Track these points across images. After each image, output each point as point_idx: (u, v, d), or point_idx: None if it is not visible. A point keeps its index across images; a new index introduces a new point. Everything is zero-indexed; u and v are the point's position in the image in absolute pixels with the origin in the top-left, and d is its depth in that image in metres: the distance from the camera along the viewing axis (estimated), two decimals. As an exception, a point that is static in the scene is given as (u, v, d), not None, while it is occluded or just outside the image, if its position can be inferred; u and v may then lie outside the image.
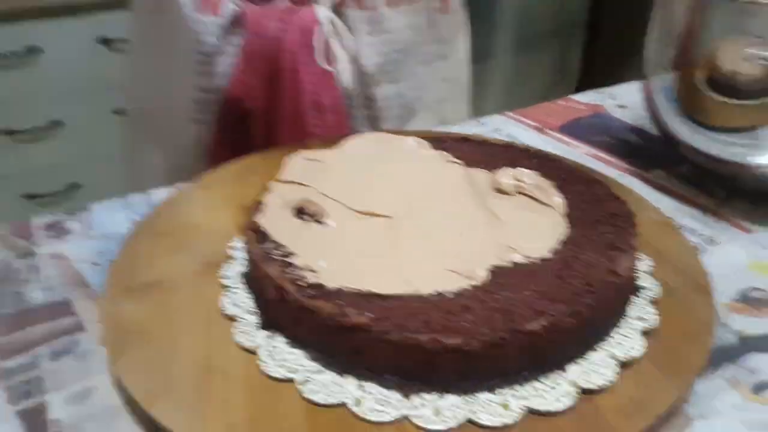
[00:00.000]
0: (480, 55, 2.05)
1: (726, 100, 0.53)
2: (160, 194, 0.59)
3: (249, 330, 0.40)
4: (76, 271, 0.49)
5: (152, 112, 0.73)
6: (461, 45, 0.80)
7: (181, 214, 0.52)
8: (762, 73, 0.51)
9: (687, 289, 0.45)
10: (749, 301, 0.48)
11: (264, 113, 0.68)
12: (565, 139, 0.73)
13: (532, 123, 0.76)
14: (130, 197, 0.59)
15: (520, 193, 0.48)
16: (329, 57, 0.65)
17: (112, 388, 0.39)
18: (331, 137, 0.66)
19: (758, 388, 0.41)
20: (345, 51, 0.65)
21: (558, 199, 0.47)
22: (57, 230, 0.54)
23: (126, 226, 0.53)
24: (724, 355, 0.43)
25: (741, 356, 0.43)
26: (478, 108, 2.15)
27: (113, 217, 0.56)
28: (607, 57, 2.18)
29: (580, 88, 2.27)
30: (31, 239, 0.53)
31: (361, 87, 0.69)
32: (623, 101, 0.82)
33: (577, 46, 2.20)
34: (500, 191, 0.48)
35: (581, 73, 2.25)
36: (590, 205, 0.47)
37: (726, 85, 0.53)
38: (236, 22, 0.65)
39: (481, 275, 0.39)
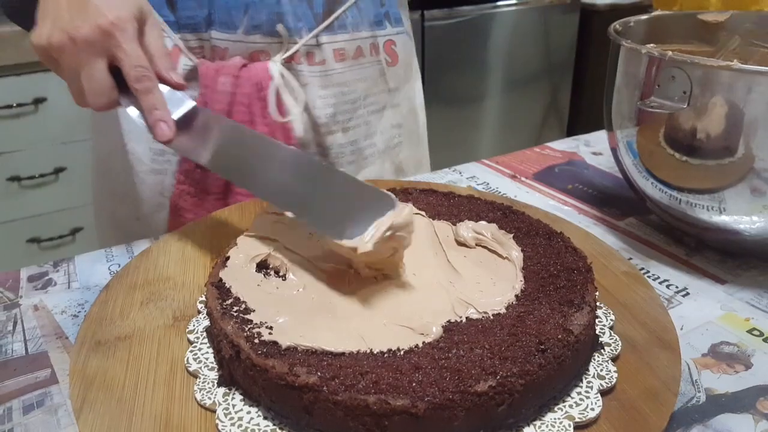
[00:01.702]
0: (472, 97, 2.07)
1: (687, 159, 0.50)
2: (141, 246, 0.58)
3: (209, 387, 0.39)
4: (55, 323, 0.48)
5: (114, 166, 0.72)
6: (414, 92, 0.79)
7: (156, 266, 0.51)
8: (721, 133, 0.48)
9: (651, 345, 0.42)
10: (720, 356, 0.44)
11: None
12: (539, 186, 0.71)
13: (507, 171, 0.75)
14: (112, 249, 0.59)
15: (479, 245, 0.47)
16: (282, 109, 0.66)
17: (77, 443, 0.38)
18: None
19: (728, 453, 0.36)
20: (297, 103, 0.66)
21: (516, 253, 0.45)
22: (41, 281, 0.53)
23: (107, 278, 0.53)
24: (693, 416, 0.39)
25: (710, 417, 0.39)
26: (473, 148, 2.16)
27: (95, 269, 0.55)
28: (594, 99, 2.19)
29: (570, 128, 2.26)
30: (17, 290, 0.52)
31: (314, 136, 0.69)
32: (598, 148, 0.81)
33: (566, 87, 2.21)
34: (461, 243, 0.47)
35: (572, 114, 2.25)
36: (549, 258, 0.45)
37: (687, 144, 0.50)
38: (191, 76, 0.65)
39: (434, 332, 0.38)
